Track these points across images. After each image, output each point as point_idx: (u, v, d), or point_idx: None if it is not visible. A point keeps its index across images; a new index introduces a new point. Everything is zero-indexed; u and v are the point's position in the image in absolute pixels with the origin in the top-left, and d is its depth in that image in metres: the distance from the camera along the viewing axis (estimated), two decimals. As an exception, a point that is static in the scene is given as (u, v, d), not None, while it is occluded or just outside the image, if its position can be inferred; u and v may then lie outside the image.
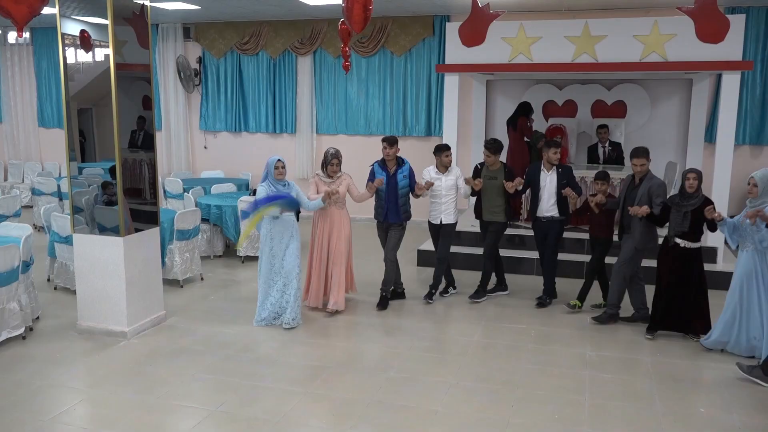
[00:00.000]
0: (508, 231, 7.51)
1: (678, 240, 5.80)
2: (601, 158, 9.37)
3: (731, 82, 7.75)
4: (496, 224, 6.93)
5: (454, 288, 7.30)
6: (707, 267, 5.99)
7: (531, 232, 7.28)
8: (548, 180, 6.76)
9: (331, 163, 6.44)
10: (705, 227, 5.80)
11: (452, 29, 8.31)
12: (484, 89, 10.58)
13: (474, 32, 6.77)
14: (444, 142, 8.33)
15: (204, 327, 6.24)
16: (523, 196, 7.76)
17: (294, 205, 6.19)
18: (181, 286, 7.54)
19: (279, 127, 11.94)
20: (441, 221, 6.86)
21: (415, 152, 10.33)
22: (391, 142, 6.63)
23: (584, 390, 4.97)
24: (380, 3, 9.35)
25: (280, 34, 11.55)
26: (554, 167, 6.76)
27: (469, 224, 8.36)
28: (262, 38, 11.62)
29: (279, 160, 6.15)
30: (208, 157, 12.52)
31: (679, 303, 5.87)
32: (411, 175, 6.74)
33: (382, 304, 6.81)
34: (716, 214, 5.50)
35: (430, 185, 6.67)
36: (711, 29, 6.13)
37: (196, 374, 5.20)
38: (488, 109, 10.78)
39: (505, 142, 9.59)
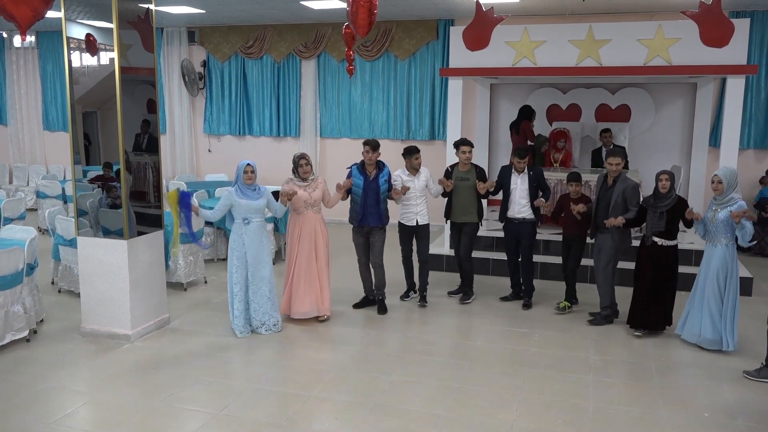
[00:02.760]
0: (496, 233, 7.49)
1: (655, 239, 5.99)
2: (605, 162, 9.34)
3: (736, 86, 7.74)
4: (470, 225, 6.97)
5: (414, 292, 7.25)
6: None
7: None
8: (519, 182, 6.84)
9: (299, 164, 6.31)
10: (682, 225, 6.02)
11: (456, 33, 8.30)
12: (487, 93, 10.58)
13: (478, 36, 6.73)
14: (449, 145, 8.32)
15: (207, 330, 6.24)
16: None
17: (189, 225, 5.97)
18: (185, 289, 7.54)
19: (283, 131, 11.96)
20: (417, 222, 6.85)
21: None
22: (374, 146, 6.55)
23: (588, 394, 4.95)
24: (384, 7, 9.37)
25: (284, 38, 11.58)
26: (525, 170, 6.84)
27: (487, 229, 8.32)
28: (267, 42, 11.65)
29: (249, 164, 6.00)
30: (212, 161, 12.54)
31: (656, 299, 6.06)
32: (390, 179, 6.70)
33: (382, 309, 6.77)
34: (695, 215, 5.81)
35: (406, 189, 6.64)
36: (715, 33, 6.10)
37: (200, 377, 5.20)
38: (492, 113, 10.79)
39: (508, 146, 9.62)
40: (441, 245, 8.71)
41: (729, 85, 7.90)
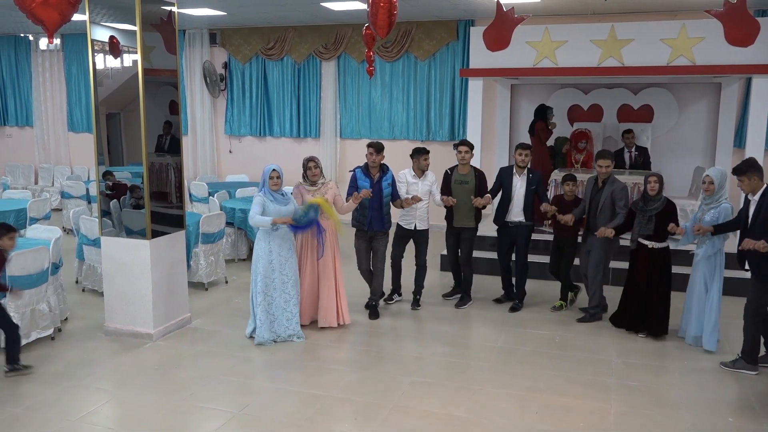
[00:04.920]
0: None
1: (645, 241, 6.01)
2: (627, 163, 9.25)
3: (761, 86, 7.63)
4: (468, 231, 6.87)
5: (399, 295, 7.18)
6: (733, 274, 5.98)
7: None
8: (518, 184, 6.74)
9: (308, 167, 6.14)
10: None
11: (476, 33, 8.30)
12: (508, 94, 10.54)
13: (498, 36, 6.71)
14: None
15: (228, 330, 6.29)
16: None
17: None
18: (206, 289, 7.60)
19: (303, 132, 12.01)
20: (415, 227, 6.75)
21: (439, 157, 10.29)
22: (378, 148, 6.41)
23: (609, 397, 4.91)
24: (404, 8, 9.37)
25: (305, 39, 11.63)
26: (525, 171, 6.74)
27: (493, 228, 8.29)
28: (287, 43, 11.71)
29: (274, 169, 5.81)
30: (233, 162, 12.63)
31: (646, 303, 6.08)
32: (393, 182, 6.58)
33: (374, 314, 6.66)
34: (680, 230, 5.82)
35: (418, 200, 6.50)
36: (740, 32, 6.01)
37: (220, 376, 5.24)
38: (512, 114, 10.73)
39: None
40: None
41: (754, 85, 7.79)
